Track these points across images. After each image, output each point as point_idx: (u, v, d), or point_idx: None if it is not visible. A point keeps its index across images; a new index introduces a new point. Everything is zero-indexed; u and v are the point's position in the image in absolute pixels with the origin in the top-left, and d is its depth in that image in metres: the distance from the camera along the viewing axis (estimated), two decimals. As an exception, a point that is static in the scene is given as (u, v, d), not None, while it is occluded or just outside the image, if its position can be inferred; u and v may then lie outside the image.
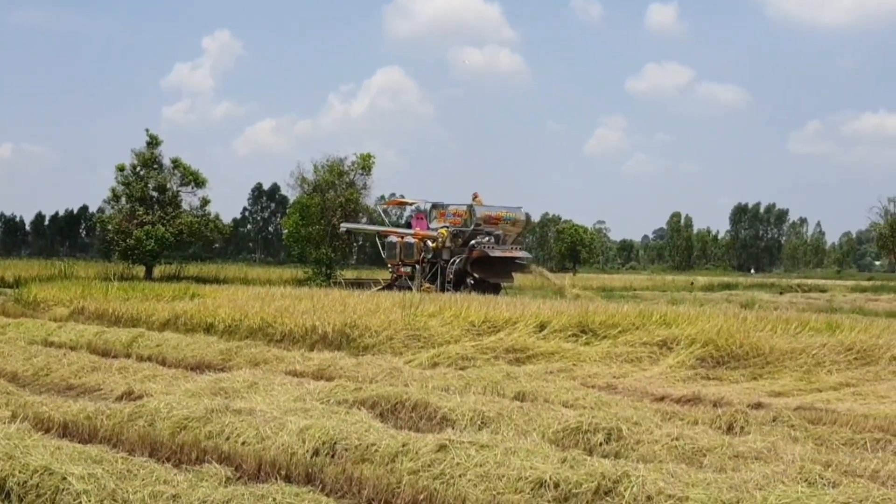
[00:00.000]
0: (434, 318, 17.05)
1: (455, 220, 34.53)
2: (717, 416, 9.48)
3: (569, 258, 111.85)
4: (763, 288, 52.46)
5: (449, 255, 33.45)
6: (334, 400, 10.16)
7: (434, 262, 33.76)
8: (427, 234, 34.14)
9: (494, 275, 33.04)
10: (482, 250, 32.56)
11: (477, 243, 32.83)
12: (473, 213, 33.82)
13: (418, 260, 33.86)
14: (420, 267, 33.89)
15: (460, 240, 33.60)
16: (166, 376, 12.33)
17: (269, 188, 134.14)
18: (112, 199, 47.84)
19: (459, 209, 34.82)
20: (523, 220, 36.65)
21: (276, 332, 17.25)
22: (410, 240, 34.12)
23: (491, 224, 33.95)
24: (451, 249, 33.55)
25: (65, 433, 8.33)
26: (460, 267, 32.80)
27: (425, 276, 33.54)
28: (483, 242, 32.91)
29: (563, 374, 13.25)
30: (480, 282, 32.17)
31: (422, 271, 33.78)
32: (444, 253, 33.61)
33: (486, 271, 32.75)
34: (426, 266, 33.87)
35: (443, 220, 34.83)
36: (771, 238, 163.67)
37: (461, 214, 34.48)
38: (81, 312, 21.68)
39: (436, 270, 33.52)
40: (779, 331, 15.69)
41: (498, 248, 33.43)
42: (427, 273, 33.67)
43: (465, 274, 32.72)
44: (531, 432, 8.54)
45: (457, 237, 33.65)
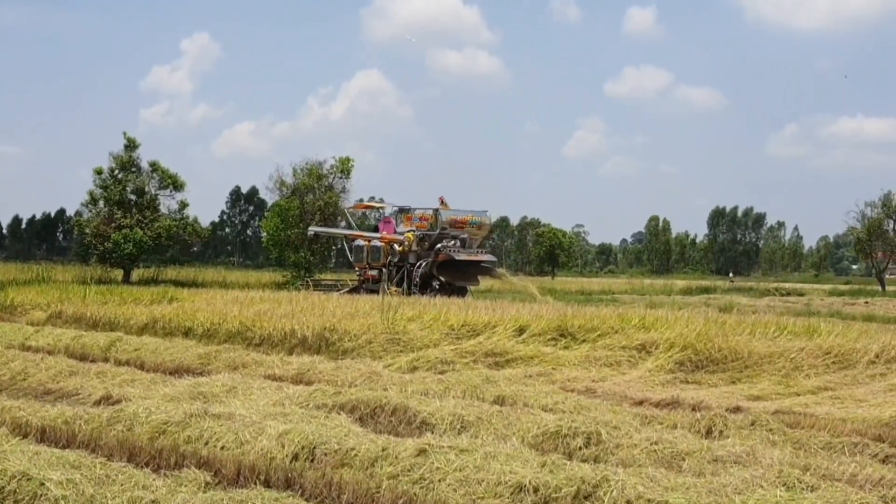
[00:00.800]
0: (413, 322, 17.05)
1: (421, 223, 34.97)
2: (696, 420, 9.52)
3: (547, 262, 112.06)
4: (741, 291, 52.68)
5: (415, 258, 33.96)
6: (313, 404, 10.14)
7: (401, 266, 34.24)
8: (393, 237, 34.64)
9: (460, 278, 33.60)
10: (448, 254, 33.17)
11: (443, 247, 33.40)
12: (439, 217, 34.26)
13: (385, 263, 34.34)
14: (387, 270, 34.29)
15: (426, 243, 34.14)
16: (145, 380, 12.27)
17: (248, 191, 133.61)
18: (90, 203, 47.55)
19: (425, 213, 35.28)
20: (488, 224, 37.58)
21: (255, 336, 17.20)
22: (377, 243, 34.73)
23: (457, 228, 34.55)
24: (418, 253, 34.09)
25: (42, 438, 8.27)
26: (426, 270, 33.32)
27: (392, 279, 33.92)
28: (449, 246, 33.50)
29: (543, 378, 13.28)
30: (446, 285, 32.72)
31: (389, 274, 34.16)
32: (410, 256, 34.14)
33: (452, 274, 33.34)
34: (393, 269, 34.33)
35: (409, 223, 35.30)
36: (749, 242, 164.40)
37: (427, 218, 34.92)
38: (59, 316, 21.57)
39: (402, 274, 33.91)
40: (757, 335, 15.78)
41: (463, 251, 34.04)
42: (394, 276, 34.07)
43: (432, 277, 33.24)
44: (511, 436, 8.54)
45: (423, 241, 34.21)
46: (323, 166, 51.90)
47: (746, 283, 71.19)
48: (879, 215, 68.33)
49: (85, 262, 52.79)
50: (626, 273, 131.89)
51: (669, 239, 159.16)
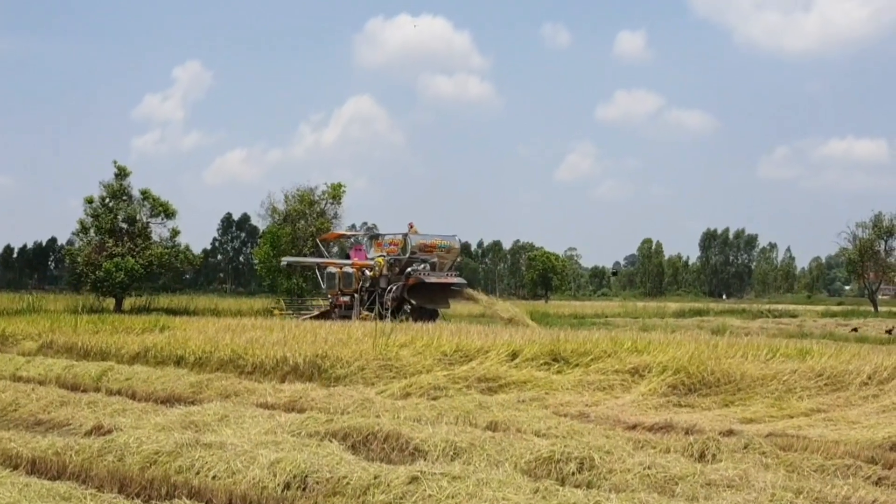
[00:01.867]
0: (406, 348, 17.01)
1: (391, 248, 35.75)
2: (689, 443, 9.49)
3: (540, 285, 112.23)
4: (734, 314, 52.74)
5: (386, 283, 34.68)
6: (305, 432, 10.11)
7: (372, 291, 34.87)
8: (364, 263, 35.52)
9: (431, 301, 34.27)
10: (418, 277, 33.94)
11: (413, 270, 34.14)
12: (409, 242, 34.94)
13: (357, 289, 34.99)
14: (359, 296, 34.93)
15: (396, 268, 34.89)
16: (136, 410, 12.22)
17: (239, 218, 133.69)
18: (81, 231, 47.51)
19: (395, 238, 36.08)
20: (458, 248, 38.11)
21: (247, 364, 17.13)
22: (349, 270, 35.42)
23: (426, 252, 35.13)
24: (388, 277, 34.80)
25: (33, 469, 8.22)
26: (397, 294, 34.02)
27: (364, 304, 34.56)
28: (419, 270, 34.26)
29: (536, 403, 13.24)
30: (417, 308, 33.40)
31: (360, 300, 34.81)
32: (381, 281, 34.81)
33: (423, 298, 34.03)
34: (364, 294, 34.97)
35: (379, 249, 36.25)
36: (741, 263, 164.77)
37: (397, 243, 35.64)
38: (50, 346, 21.47)
39: (374, 298, 34.48)
40: (750, 357, 15.77)
41: (433, 274, 34.74)
42: (366, 301, 34.71)
43: (403, 301, 33.96)
44: (503, 462, 8.53)
45: (393, 266, 34.97)
46: (315, 192, 52.02)
47: (739, 305, 71.25)
48: (871, 236, 68.75)
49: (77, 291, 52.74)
50: (620, 296, 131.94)
51: (662, 261, 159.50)
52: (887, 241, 69.33)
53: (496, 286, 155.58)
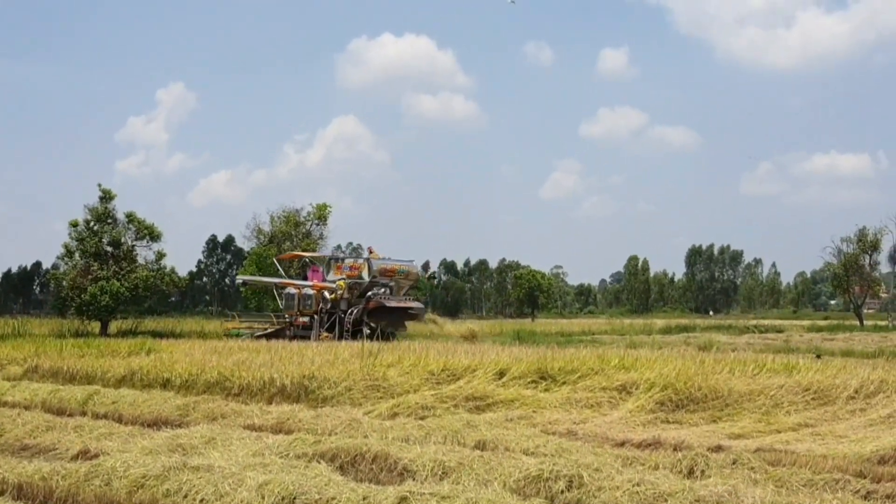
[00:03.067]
0: (393, 368, 17.01)
1: (352, 272, 36.97)
2: (678, 460, 9.49)
3: (527, 304, 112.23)
4: (720, 329, 52.84)
5: (347, 305, 35.71)
6: (293, 454, 10.07)
7: (332, 313, 35.82)
8: (325, 285, 36.46)
9: (389, 324, 35.66)
10: (379, 301, 35.38)
11: (373, 294, 35.55)
12: (371, 267, 36.26)
13: (317, 310, 35.97)
14: (318, 317, 35.86)
15: (356, 291, 36.10)
16: (123, 433, 12.17)
17: (224, 240, 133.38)
18: (66, 255, 47.31)
19: (356, 262, 37.72)
20: (416, 273, 40.09)
21: (234, 386, 17.08)
22: (309, 291, 36.45)
23: (386, 276, 36.64)
24: (349, 300, 35.88)
25: (20, 495, 8.18)
26: (358, 316, 35.09)
27: (323, 325, 35.46)
28: (379, 294, 35.78)
29: (524, 422, 13.25)
30: (376, 330, 34.31)
31: (320, 321, 35.69)
32: (342, 303, 35.79)
33: (382, 320, 35.33)
34: (324, 316, 35.90)
35: (339, 272, 37.34)
36: (727, 279, 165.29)
37: (357, 267, 37.08)
38: (35, 371, 21.34)
39: (334, 320, 35.43)
40: (737, 372, 15.82)
41: (393, 298, 36.40)
42: (325, 323, 35.61)
43: (362, 323, 34.97)
44: (492, 481, 8.50)
45: (353, 289, 36.10)
46: (300, 213, 52.05)
47: (725, 321, 71.40)
48: (855, 251, 68.99)
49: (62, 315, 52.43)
50: (606, 313, 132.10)
51: (648, 278, 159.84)
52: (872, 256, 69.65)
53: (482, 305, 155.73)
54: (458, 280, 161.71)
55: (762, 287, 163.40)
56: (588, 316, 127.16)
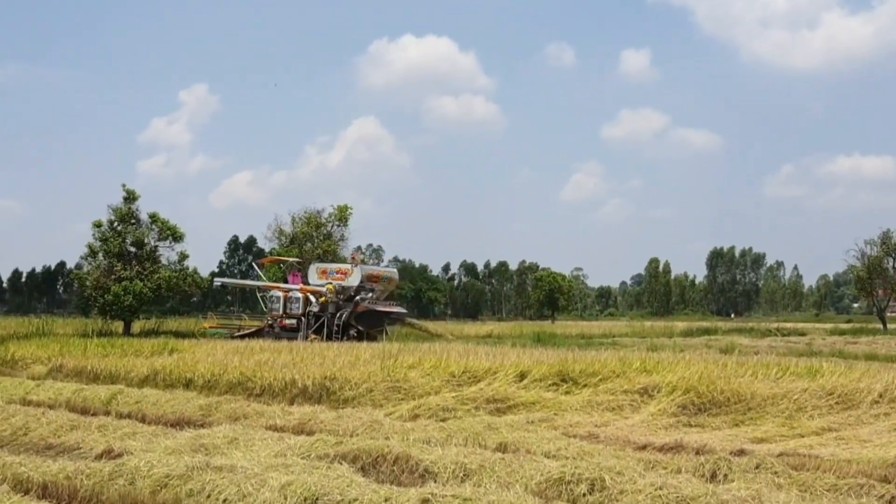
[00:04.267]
0: (414, 370, 17.01)
1: (339, 277, 38.05)
2: (700, 463, 9.46)
3: (547, 306, 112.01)
4: (742, 332, 52.59)
5: (335, 308, 36.79)
6: (315, 455, 10.10)
7: (320, 315, 36.76)
8: (314, 289, 37.43)
9: (374, 327, 37.00)
10: (367, 305, 37.10)
11: (361, 299, 37.13)
12: (359, 272, 37.80)
13: (304, 313, 36.88)
14: (305, 319, 36.75)
15: (342, 295, 37.35)
16: (146, 433, 12.23)
17: (246, 240, 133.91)
18: (89, 255, 47.50)
19: (343, 267, 38.75)
20: (396, 280, 42.13)
21: (256, 387, 17.15)
22: (297, 294, 37.31)
23: (372, 282, 38.50)
24: (337, 304, 36.97)
25: (44, 494, 8.23)
26: (345, 320, 36.23)
27: (310, 327, 36.28)
28: (367, 298, 37.42)
29: (545, 424, 13.22)
30: (362, 333, 35.62)
31: (307, 323, 36.56)
32: (330, 307, 36.82)
33: (368, 324, 36.77)
34: (312, 318, 36.81)
35: (325, 277, 38.38)
36: (748, 282, 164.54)
37: (344, 272, 38.15)
38: (60, 370, 21.50)
39: (321, 322, 36.35)
40: (759, 376, 15.72)
41: (380, 303, 38.44)
42: (312, 325, 36.47)
43: (349, 326, 36.16)
44: (514, 484, 8.50)
45: (341, 293, 37.31)
46: (321, 215, 52.14)
47: (747, 324, 71.03)
48: (879, 253, 68.42)
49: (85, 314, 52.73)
50: (627, 316, 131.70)
51: (669, 281, 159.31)
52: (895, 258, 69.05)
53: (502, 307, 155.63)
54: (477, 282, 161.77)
55: (784, 290, 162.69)
56: (608, 318, 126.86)
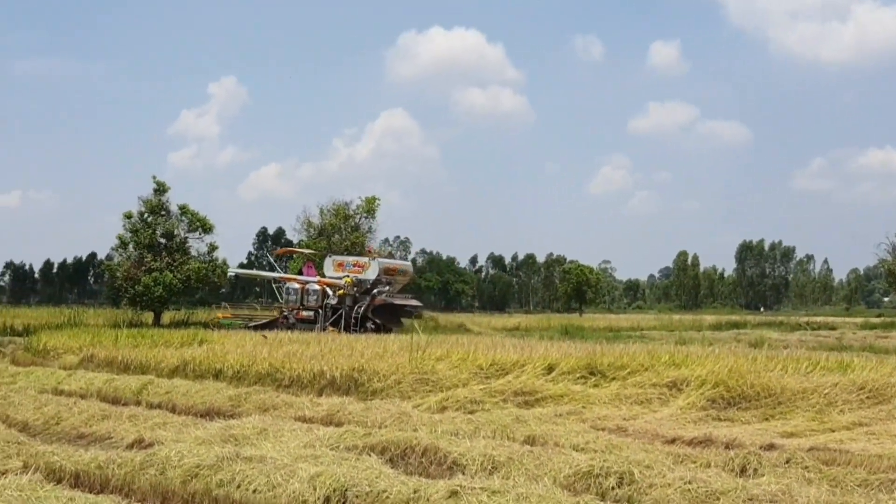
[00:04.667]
0: (441, 362, 17.02)
1: (355, 269, 38.22)
2: (730, 458, 9.42)
3: (574, 298, 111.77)
4: (772, 326, 52.27)
5: (352, 301, 36.95)
6: (344, 446, 10.14)
7: (337, 308, 36.81)
8: (332, 282, 37.53)
9: (390, 320, 36.96)
10: (385, 299, 37.12)
11: (378, 292, 37.16)
12: (378, 266, 37.98)
13: (321, 305, 36.96)
14: (323, 312, 36.86)
15: (359, 288, 37.54)
16: (176, 423, 12.31)
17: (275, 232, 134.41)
18: (120, 247, 47.84)
19: (360, 260, 38.88)
20: (411, 273, 42.46)
21: (285, 378, 17.23)
22: (315, 286, 37.41)
23: (389, 275, 38.62)
24: (354, 296, 37.15)
25: (76, 483, 8.32)
26: (364, 312, 36.35)
27: (328, 319, 36.40)
28: (384, 291, 37.48)
29: (573, 417, 13.20)
30: (379, 325, 35.70)
31: (325, 315, 36.68)
32: (347, 299, 36.98)
33: (385, 317, 36.78)
34: (329, 311, 36.89)
35: (341, 269, 38.55)
36: (778, 276, 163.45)
37: (362, 265, 38.29)
38: (91, 360, 21.68)
39: (339, 315, 36.43)
40: (789, 370, 15.62)
41: (398, 296, 38.50)
42: (329, 317, 36.60)
43: (366, 318, 36.23)
44: (542, 477, 8.50)
45: (358, 285, 37.46)
46: (349, 206, 52.24)
47: (777, 318, 70.60)
48: (911, 247, 67.67)
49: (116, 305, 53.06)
50: (655, 309, 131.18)
51: (698, 274, 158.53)
52: (928, 253, 68.29)
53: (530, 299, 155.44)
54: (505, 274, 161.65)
55: (814, 284, 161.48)
56: (636, 311, 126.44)
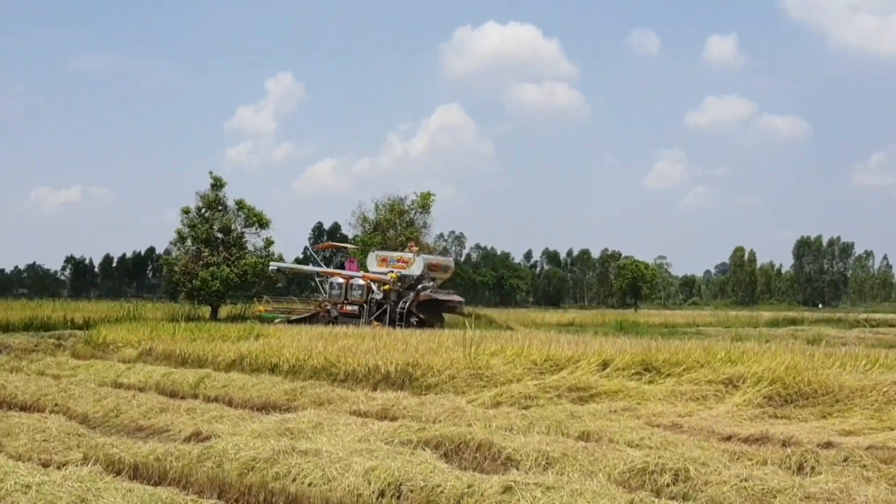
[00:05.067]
0: (496, 357, 17.03)
1: (399, 265, 38.34)
2: (787, 455, 9.33)
3: (629, 294, 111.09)
4: (830, 323, 51.55)
5: (396, 296, 37.04)
6: (398, 440, 10.19)
7: (382, 303, 36.92)
8: (378, 277, 37.59)
9: (433, 315, 37.00)
10: (429, 295, 37.36)
11: (423, 287, 37.35)
12: (422, 262, 38.11)
13: (366, 300, 36.98)
14: (367, 307, 36.86)
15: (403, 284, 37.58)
16: (233, 417, 12.45)
17: (330, 227, 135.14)
18: (178, 241, 48.40)
19: (404, 256, 38.93)
20: (452, 269, 42.36)
21: (340, 372, 17.35)
22: (360, 281, 37.46)
23: (432, 271, 38.72)
24: (398, 292, 37.25)
25: (135, 475, 8.44)
26: (408, 307, 36.40)
27: (372, 314, 36.50)
28: (428, 287, 37.71)
29: (628, 413, 13.14)
30: (423, 321, 35.60)
31: (369, 310, 36.73)
32: (391, 294, 37.07)
33: (428, 312, 36.84)
34: (374, 306, 36.97)
35: (385, 265, 38.69)
36: (836, 272, 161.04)
37: (406, 261, 38.40)
38: (149, 353, 21.98)
39: (383, 310, 36.54)
40: (847, 367, 15.38)
41: (441, 292, 38.82)
42: (374, 312, 36.68)
43: (410, 314, 36.26)
44: (597, 473, 8.48)
45: (402, 281, 37.53)
46: (404, 202, 52.36)
47: (835, 314, 69.55)
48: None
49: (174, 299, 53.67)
50: (711, 305, 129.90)
51: (755, 270, 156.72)
52: None
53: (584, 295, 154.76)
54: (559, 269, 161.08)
55: (873, 280, 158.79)
56: (692, 307, 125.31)
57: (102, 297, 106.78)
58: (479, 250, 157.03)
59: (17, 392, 15.11)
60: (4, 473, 7.62)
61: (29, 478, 7.50)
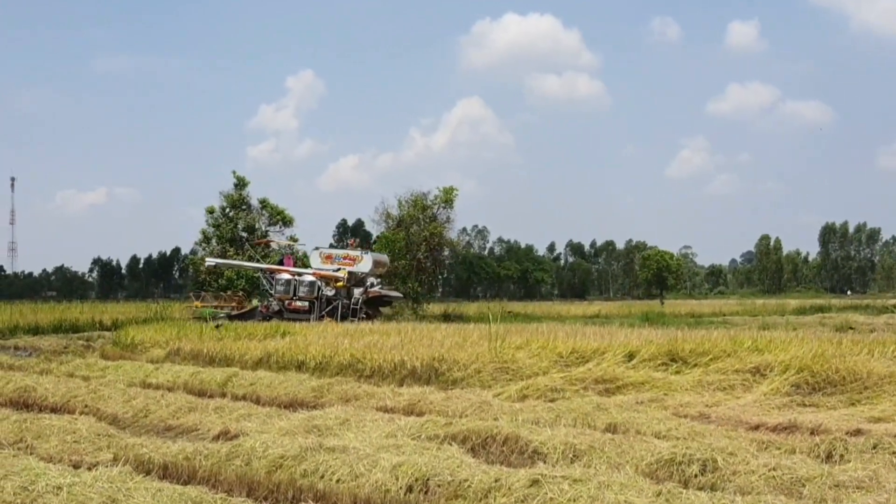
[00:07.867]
0: (521, 350, 17.01)
1: (346, 262, 39.27)
2: (815, 444, 9.29)
3: (655, 285, 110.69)
4: (857, 310, 51.19)
5: (346, 292, 38.14)
6: (425, 435, 10.21)
7: (332, 299, 37.84)
8: (330, 274, 38.47)
9: (376, 309, 39.28)
10: (378, 291, 39.40)
11: (371, 284, 39.17)
12: (370, 259, 39.48)
13: (317, 296, 37.73)
14: (318, 302, 37.67)
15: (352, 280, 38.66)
16: (261, 415, 12.50)
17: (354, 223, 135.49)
18: (203, 241, 48.73)
19: (350, 253, 39.88)
20: (388, 264, 44.04)
21: (366, 368, 17.39)
22: (308, 278, 38.27)
23: (378, 267, 40.40)
24: (348, 288, 38.33)
25: (165, 475, 8.50)
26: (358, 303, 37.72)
27: (322, 310, 37.22)
28: (375, 283, 39.71)
29: (655, 404, 13.09)
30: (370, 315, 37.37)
31: (320, 306, 37.52)
32: (342, 291, 38.13)
33: (373, 307, 38.90)
34: (324, 303, 37.76)
35: (330, 262, 39.44)
36: (863, 258, 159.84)
37: (353, 258, 39.42)
38: (177, 353, 22.12)
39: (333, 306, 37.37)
40: (876, 354, 15.24)
41: (386, 287, 41.22)
42: (324, 308, 37.42)
43: (358, 309, 37.50)
44: (624, 465, 8.48)
45: (352, 277, 38.68)
46: (427, 197, 52.40)
47: (863, 301, 69.08)
48: None
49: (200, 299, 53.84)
50: (737, 294, 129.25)
51: (781, 258, 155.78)
52: None
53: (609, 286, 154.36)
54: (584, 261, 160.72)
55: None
56: (718, 297, 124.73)
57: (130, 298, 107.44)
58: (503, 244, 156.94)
59: (47, 394, 15.22)
60: (36, 475, 7.69)
61: (60, 479, 7.57)
